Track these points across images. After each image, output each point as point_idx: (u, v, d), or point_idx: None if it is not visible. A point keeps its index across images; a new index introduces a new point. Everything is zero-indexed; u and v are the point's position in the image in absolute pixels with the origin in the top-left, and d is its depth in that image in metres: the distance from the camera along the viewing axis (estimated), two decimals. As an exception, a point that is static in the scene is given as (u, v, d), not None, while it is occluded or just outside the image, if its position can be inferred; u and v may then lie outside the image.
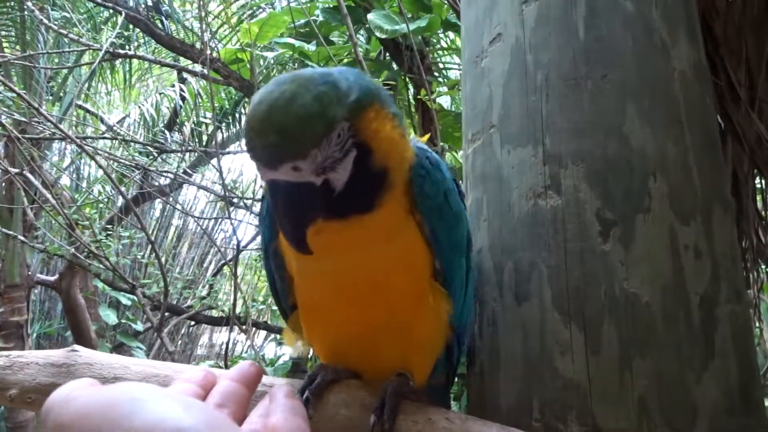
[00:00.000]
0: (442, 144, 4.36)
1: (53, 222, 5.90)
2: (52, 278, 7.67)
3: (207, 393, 0.74)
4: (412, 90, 4.87)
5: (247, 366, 0.76)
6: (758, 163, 1.88)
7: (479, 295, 1.26)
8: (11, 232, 4.64)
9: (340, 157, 0.85)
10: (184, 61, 5.67)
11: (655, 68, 1.24)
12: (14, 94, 4.65)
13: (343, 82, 0.85)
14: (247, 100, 7.55)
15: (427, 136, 1.15)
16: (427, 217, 1.02)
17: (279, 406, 0.73)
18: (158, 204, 10.34)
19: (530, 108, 1.26)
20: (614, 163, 1.17)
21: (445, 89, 4.86)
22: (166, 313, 5.48)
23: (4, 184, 7.00)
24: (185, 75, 7.72)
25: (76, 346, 1.20)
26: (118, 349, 7.35)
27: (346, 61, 4.50)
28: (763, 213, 2.24)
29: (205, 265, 10.49)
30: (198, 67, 4.77)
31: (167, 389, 0.69)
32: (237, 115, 8.83)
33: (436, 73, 5.52)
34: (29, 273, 7.55)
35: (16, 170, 4.13)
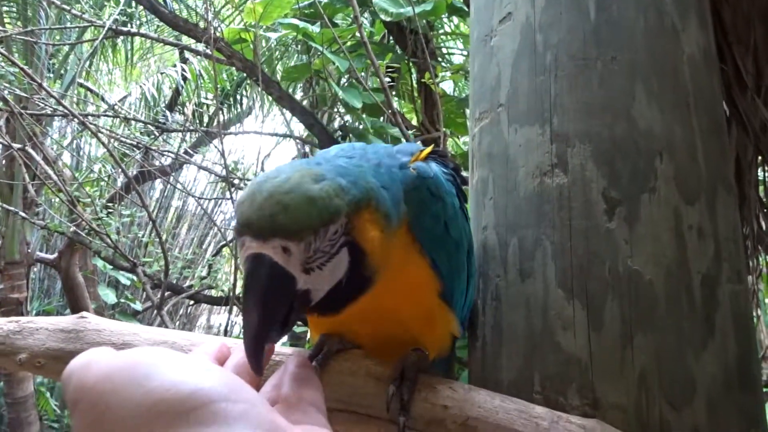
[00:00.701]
0: (444, 130, 4.37)
1: (53, 199, 5.90)
2: (51, 256, 7.69)
3: (221, 365, 0.76)
4: (414, 75, 4.86)
5: None
6: (762, 151, 1.89)
7: (483, 271, 1.27)
8: (12, 208, 4.63)
9: (331, 254, 0.81)
10: (186, 40, 5.64)
11: (664, 51, 1.24)
12: (15, 69, 4.64)
13: (345, 180, 0.82)
14: (249, 81, 7.53)
15: (428, 150, 1.13)
16: (427, 249, 1.04)
17: (291, 377, 0.74)
18: (158, 185, 10.35)
19: (539, 87, 1.26)
20: (621, 143, 1.18)
21: (449, 74, 4.85)
22: (167, 292, 5.50)
23: (4, 161, 7.00)
24: (187, 55, 7.69)
25: (85, 313, 1.21)
26: (117, 327, 7.37)
27: (350, 43, 4.49)
28: (765, 200, 2.25)
29: (204, 246, 10.52)
30: (201, 47, 4.75)
31: (186, 355, 0.71)
32: (238, 97, 8.81)
33: (439, 58, 5.51)
34: (29, 250, 7.57)
35: (19, 146, 4.12)
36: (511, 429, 0.98)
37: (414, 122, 5.00)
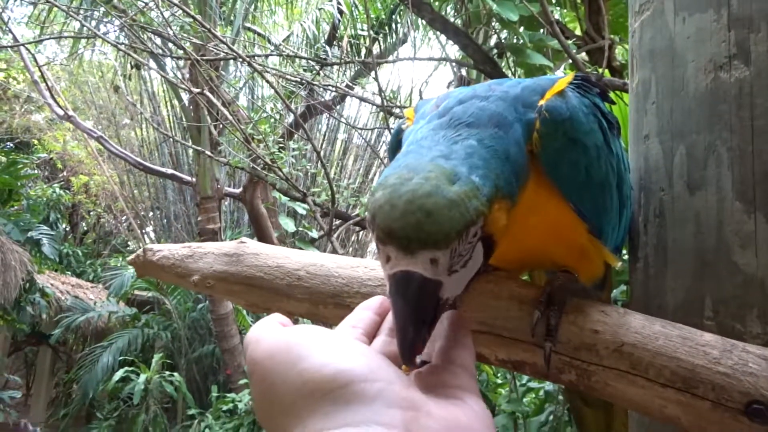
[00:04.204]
0: (611, 36, 3.96)
1: (233, 138, 6.45)
2: (237, 191, 8.52)
3: (382, 319, 0.77)
4: (578, -24, 4.42)
5: None
6: None
7: (644, 184, 1.14)
8: (200, 148, 5.15)
9: (470, 253, 0.77)
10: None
11: None
12: (191, 20, 5.02)
13: (477, 177, 0.77)
14: (402, 7, 7.42)
15: (568, 78, 0.99)
16: (567, 196, 0.95)
17: (444, 336, 0.75)
18: (325, 119, 10.83)
19: (713, -37, 1.06)
20: (824, 19, 0.95)
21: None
22: (337, 220, 5.83)
23: (191, 106, 7.75)
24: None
25: (245, 239, 1.30)
26: (297, 253, 8.06)
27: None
28: None
29: (370, 176, 10.93)
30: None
31: (340, 330, 0.74)
32: (393, 25, 8.77)
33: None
34: (218, 186, 8.46)
35: (198, 90, 4.52)
36: (673, 357, 0.88)
37: (577, 32, 4.59)
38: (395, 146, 1.06)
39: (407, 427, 0.55)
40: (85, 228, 16.97)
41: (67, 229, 15.83)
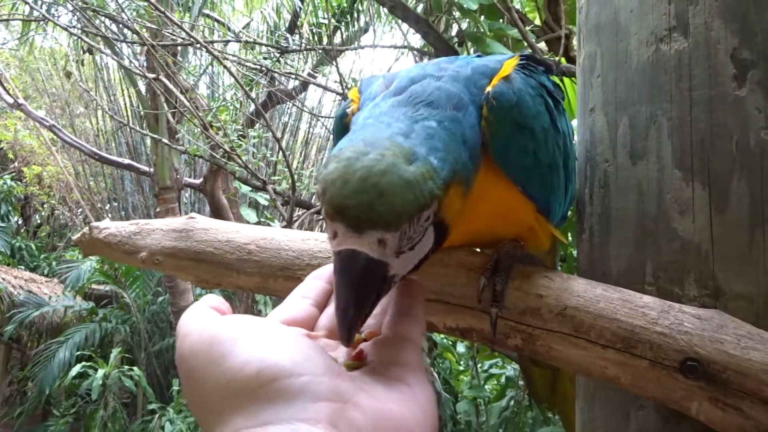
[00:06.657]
0: (569, 27, 4.01)
1: (192, 127, 6.33)
2: (197, 181, 8.37)
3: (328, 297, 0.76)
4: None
5: None
6: None
7: (590, 156, 1.16)
8: (156, 136, 5.04)
9: (420, 237, 0.75)
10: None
11: None
12: (146, 3, 4.90)
13: (435, 159, 0.75)
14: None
15: (513, 62, 1.00)
16: (516, 180, 0.97)
17: (394, 307, 0.73)
18: (287, 110, 10.73)
19: (655, -62, 1.08)
20: (758, -8, 0.99)
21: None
22: (302, 210, 5.80)
23: (148, 94, 7.57)
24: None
25: (194, 214, 1.28)
26: (258, 244, 7.96)
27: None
28: None
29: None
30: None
31: (288, 302, 0.72)
32: (355, 14, 8.72)
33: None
34: (178, 176, 8.29)
35: (153, 75, 4.41)
36: (614, 319, 0.91)
37: (537, 21, 4.65)
38: (340, 131, 1.04)
39: (332, 420, 0.53)
40: (39, 221, 16.46)
41: (20, 222, 15.32)
